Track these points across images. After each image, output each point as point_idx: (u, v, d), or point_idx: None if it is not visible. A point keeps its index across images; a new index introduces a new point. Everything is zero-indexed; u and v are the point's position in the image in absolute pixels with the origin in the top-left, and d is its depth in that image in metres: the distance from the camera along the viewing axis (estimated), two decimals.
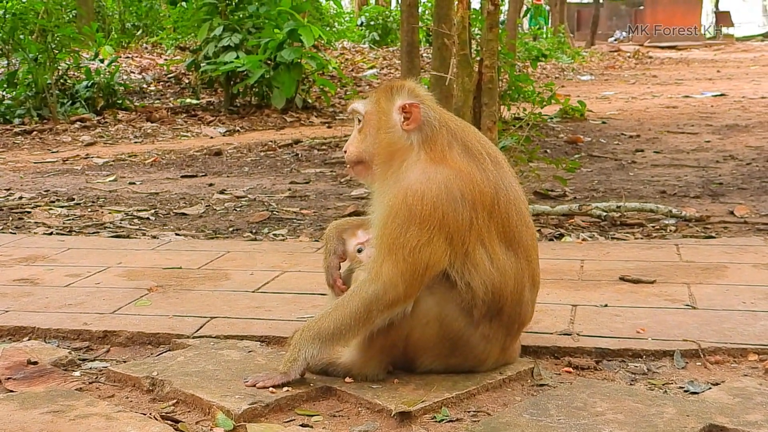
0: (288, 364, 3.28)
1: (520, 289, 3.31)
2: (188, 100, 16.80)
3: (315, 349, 3.24)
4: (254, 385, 3.26)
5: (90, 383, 3.52)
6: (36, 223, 7.10)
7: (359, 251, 3.48)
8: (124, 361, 3.76)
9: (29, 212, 7.52)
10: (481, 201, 3.21)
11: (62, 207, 7.77)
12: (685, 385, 3.35)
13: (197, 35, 16.14)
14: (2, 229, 6.89)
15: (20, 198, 8.23)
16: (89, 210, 7.64)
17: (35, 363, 3.61)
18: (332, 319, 3.23)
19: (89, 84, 15.47)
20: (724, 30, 51.63)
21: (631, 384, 3.40)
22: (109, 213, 7.46)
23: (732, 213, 6.93)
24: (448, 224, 3.15)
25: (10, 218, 7.30)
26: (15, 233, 6.68)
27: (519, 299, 3.31)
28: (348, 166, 3.48)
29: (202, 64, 15.66)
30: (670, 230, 6.37)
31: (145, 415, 3.15)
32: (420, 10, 19.44)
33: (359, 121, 3.41)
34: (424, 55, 21.01)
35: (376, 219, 3.28)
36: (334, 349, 3.30)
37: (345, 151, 3.45)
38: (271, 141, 12.23)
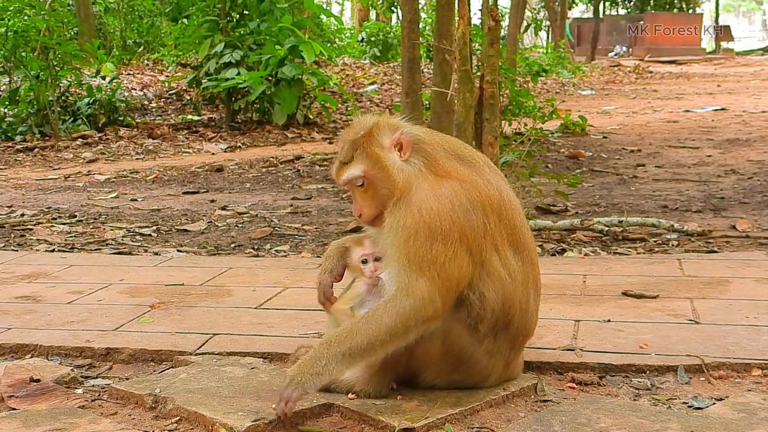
0: (310, 378, 3.13)
1: (526, 297, 3.32)
2: (189, 117, 16.84)
3: (344, 366, 3.14)
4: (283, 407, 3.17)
5: (93, 401, 3.51)
6: (38, 240, 7.10)
7: (363, 262, 3.43)
8: (127, 379, 3.75)
9: (31, 229, 7.53)
10: (490, 205, 3.22)
11: (64, 224, 7.78)
12: (689, 400, 3.34)
13: (198, 52, 16.19)
14: (4, 246, 6.89)
15: (22, 215, 8.24)
16: (91, 227, 7.65)
17: (38, 380, 3.61)
18: (365, 334, 3.11)
19: (91, 101, 15.50)
20: (724, 44, 51.74)
21: (634, 400, 3.39)
22: (111, 230, 7.46)
23: (734, 227, 6.93)
24: (467, 236, 3.15)
25: (12, 235, 7.30)
26: (17, 250, 6.68)
27: (526, 308, 3.32)
28: (364, 225, 3.41)
29: (203, 81, 15.71)
30: (673, 245, 6.37)
31: None
32: (421, 26, 19.47)
33: (361, 184, 3.29)
34: (425, 70, 21.07)
35: (392, 240, 3.20)
36: (362, 364, 3.23)
37: (359, 216, 3.34)
38: (273, 157, 12.24)
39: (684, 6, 54.99)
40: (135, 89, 19.75)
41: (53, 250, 6.68)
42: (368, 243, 3.44)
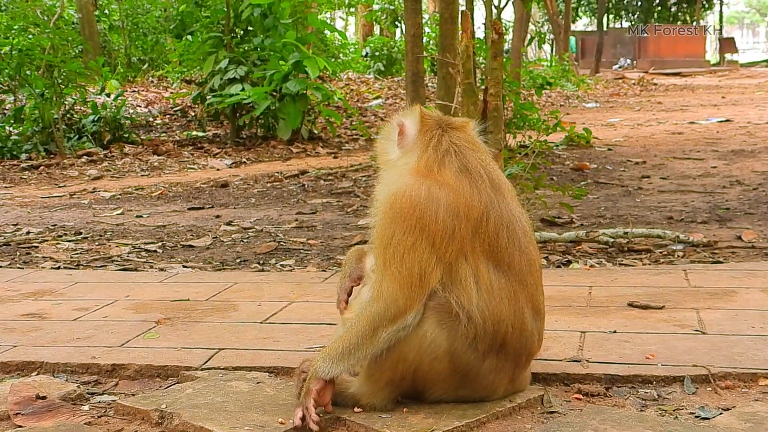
0: (309, 382, 3.25)
1: (520, 316, 3.27)
2: (194, 133, 16.87)
3: (326, 365, 3.23)
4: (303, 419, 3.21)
5: (99, 417, 3.51)
6: (43, 257, 7.11)
7: (373, 271, 3.47)
8: (133, 395, 3.75)
9: (37, 247, 7.54)
10: (466, 213, 3.20)
11: (70, 241, 7.79)
12: (696, 410, 3.33)
13: (203, 68, 16.25)
14: (10, 264, 6.90)
15: (28, 233, 8.25)
16: (96, 244, 7.66)
17: (44, 398, 3.61)
18: (342, 339, 3.25)
19: (96, 118, 15.54)
20: (729, 56, 51.78)
21: (641, 410, 3.38)
22: (117, 246, 7.47)
23: (740, 238, 6.92)
24: (428, 226, 3.16)
25: (18, 253, 7.31)
26: (23, 268, 6.69)
27: (521, 328, 3.28)
28: None
29: (207, 97, 15.75)
30: (678, 256, 6.36)
31: None
32: (424, 40, 19.52)
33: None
34: (429, 84, 21.12)
35: (372, 232, 3.34)
36: (345, 367, 3.27)
37: None
38: (278, 172, 12.26)
39: (688, 18, 55.05)
40: (140, 106, 19.81)
41: (59, 268, 6.69)
42: None
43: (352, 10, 45.89)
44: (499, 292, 3.23)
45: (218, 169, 13.19)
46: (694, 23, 53.98)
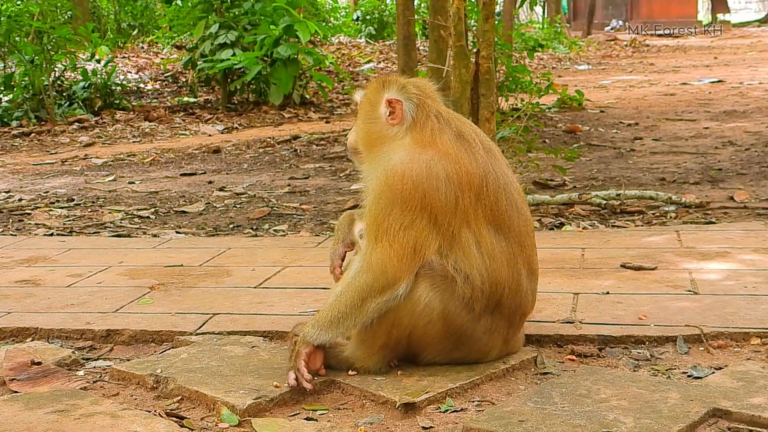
0: (299, 346, 3.28)
1: (516, 277, 3.30)
2: (186, 99, 16.79)
3: (315, 332, 3.27)
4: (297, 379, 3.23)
5: (94, 382, 3.52)
6: (36, 224, 7.09)
7: (361, 237, 3.49)
8: (128, 360, 3.76)
9: (29, 214, 7.52)
10: (468, 182, 3.22)
11: (62, 208, 7.77)
12: (689, 370, 3.35)
13: (193, 33, 16.13)
14: (2, 231, 6.89)
15: (20, 200, 8.23)
16: (89, 210, 7.64)
17: (39, 363, 3.62)
18: (331, 308, 3.28)
19: (86, 85, 15.43)
20: (721, 16, 51.57)
21: (634, 370, 3.40)
22: (110, 213, 7.46)
23: (732, 198, 6.94)
24: (430, 204, 3.17)
25: (11, 220, 7.29)
26: (15, 235, 6.68)
27: (517, 288, 3.31)
28: (351, 153, 3.60)
29: (198, 63, 15.64)
30: (671, 217, 6.37)
31: (149, 412, 3.16)
32: (416, 3, 19.42)
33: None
34: (421, 48, 21.01)
35: (366, 206, 3.33)
36: (333, 334, 3.29)
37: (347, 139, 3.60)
38: (270, 137, 12.22)
39: None
40: (130, 72, 19.68)
41: (52, 234, 6.68)
42: None
43: None
44: (500, 256, 3.26)
45: (210, 135, 13.14)
46: None
